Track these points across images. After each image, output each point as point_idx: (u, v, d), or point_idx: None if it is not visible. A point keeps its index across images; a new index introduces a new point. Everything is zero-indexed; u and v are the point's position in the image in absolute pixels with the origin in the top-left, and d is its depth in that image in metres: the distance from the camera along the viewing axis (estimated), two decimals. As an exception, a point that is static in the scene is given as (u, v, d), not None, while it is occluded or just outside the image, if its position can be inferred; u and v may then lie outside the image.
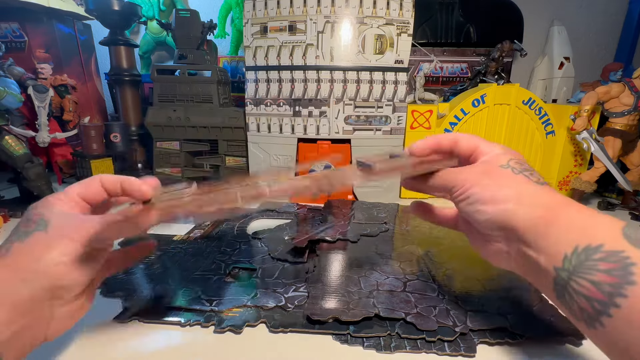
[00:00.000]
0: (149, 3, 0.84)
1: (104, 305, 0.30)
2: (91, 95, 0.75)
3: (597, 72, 0.64)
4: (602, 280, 0.17)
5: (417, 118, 0.59)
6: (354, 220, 0.49)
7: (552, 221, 0.20)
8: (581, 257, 0.18)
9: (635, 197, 0.59)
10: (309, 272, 0.35)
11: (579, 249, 0.18)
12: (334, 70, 0.56)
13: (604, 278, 0.17)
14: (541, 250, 0.20)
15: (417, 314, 0.28)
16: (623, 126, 0.55)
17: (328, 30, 0.55)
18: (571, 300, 0.18)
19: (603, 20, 0.86)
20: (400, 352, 0.25)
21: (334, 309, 0.28)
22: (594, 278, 0.17)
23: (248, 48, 0.58)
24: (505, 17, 0.79)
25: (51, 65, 0.64)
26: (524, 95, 0.58)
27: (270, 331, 0.27)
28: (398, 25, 0.55)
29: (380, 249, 0.41)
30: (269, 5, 0.56)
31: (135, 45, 0.74)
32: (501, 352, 0.25)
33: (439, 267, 0.36)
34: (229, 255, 0.39)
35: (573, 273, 0.18)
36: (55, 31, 0.66)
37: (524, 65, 0.86)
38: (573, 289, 0.18)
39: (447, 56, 0.78)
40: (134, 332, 0.27)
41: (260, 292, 0.31)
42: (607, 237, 0.18)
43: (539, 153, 0.61)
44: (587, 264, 0.18)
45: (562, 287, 0.19)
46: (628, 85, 0.53)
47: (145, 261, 0.37)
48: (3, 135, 0.54)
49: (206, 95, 0.63)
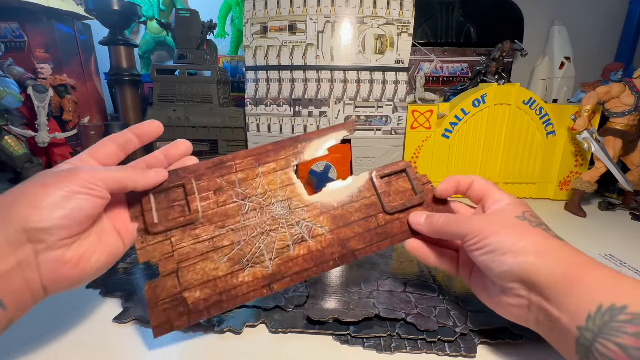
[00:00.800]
0: (149, 3, 0.83)
1: (103, 305, 0.30)
2: (91, 95, 0.75)
3: (597, 72, 0.64)
4: (629, 344, 0.16)
5: (418, 118, 0.59)
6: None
7: (574, 278, 0.20)
8: (605, 317, 0.18)
9: (635, 197, 0.59)
10: (309, 272, 0.35)
11: (602, 309, 0.18)
12: (334, 70, 0.56)
13: (631, 342, 0.16)
14: (563, 307, 0.19)
15: (418, 314, 0.28)
16: (623, 126, 0.54)
17: (328, 30, 0.55)
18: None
19: (603, 20, 0.86)
20: (400, 353, 0.25)
21: (334, 309, 0.28)
22: (620, 341, 0.17)
23: (248, 48, 0.58)
24: (505, 16, 0.79)
25: (51, 65, 0.64)
26: (524, 95, 0.58)
27: (270, 332, 0.27)
28: (398, 25, 0.55)
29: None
30: (269, 4, 0.56)
31: (134, 45, 0.74)
32: (501, 352, 0.25)
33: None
34: (228, 256, 0.38)
35: (598, 334, 0.18)
36: (55, 31, 0.66)
37: (524, 65, 0.86)
38: (598, 351, 0.18)
39: (447, 56, 0.78)
40: (134, 332, 0.27)
41: (260, 293, 0.31)
42: (632, 297, 0.18)
43: (539, 153, 0.61)
44: (612, 325, 0.17)
45: (586, 348, 0.18)
46: (628, 85, 0.53)
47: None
48: (3, 135, 0.53)
49: (206, 95, 0.62)
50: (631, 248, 0.44)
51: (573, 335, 0.19)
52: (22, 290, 0.20)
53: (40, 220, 0.20)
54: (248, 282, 0.26)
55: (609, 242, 0.46)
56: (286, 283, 0.26)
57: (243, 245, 0.26)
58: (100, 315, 0.28)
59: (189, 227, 0.27)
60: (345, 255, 0.27)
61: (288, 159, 0.30)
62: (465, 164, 0.62)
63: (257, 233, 0.27)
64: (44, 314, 0.28)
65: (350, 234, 0.28)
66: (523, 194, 0.63)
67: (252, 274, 0.26)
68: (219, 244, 0.26)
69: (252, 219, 0.27)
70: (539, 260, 0.21)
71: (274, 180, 0.29)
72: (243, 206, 0.28)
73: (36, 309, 0.29)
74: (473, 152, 0.62)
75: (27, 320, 0.27)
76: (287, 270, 0.26)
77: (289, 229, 0.27)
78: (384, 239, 0.28)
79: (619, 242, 0.46)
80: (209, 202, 0.27)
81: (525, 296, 0.22)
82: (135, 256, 0.38)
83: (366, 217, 0.29)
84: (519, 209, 0.24)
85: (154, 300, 0.25)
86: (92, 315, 0.29)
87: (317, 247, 0.27)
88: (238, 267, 0.26)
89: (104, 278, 0.34)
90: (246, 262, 0.26)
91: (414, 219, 0.28)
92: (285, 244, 0.27)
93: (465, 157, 0.62)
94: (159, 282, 0.25)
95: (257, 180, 0.28)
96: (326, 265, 0.27)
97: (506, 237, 0.22)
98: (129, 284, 0.33)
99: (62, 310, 0.29)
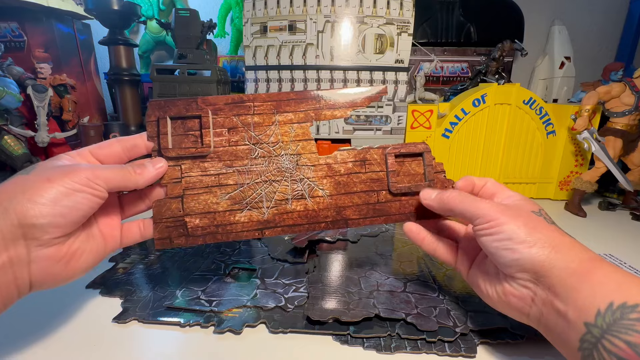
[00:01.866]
0: (149, 2, 0.83)
1: (103, 305, 0.30)
2: (90, 95, 0.75)
3: (597, 71, 0.64)
4: (639, 342, 0.16)
5: (418, 118, 0.59)
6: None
7: (586, 275, 0.20)
8: (616, 314, 0.17)
9: (636, 197, 0.59)
10: (309, 273, 0.35)
11: (614, 306, 0.18)
12: (334, 70, 0.56)
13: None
14: (571, 302, 0.19)
15: (418, 315, 0.28)
16: (624, 126, 0.54)
17: (328, 30, 0.55)
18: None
19: (604, 19, 0.86)
20: (400, 353, 0.25)
21: (334, 310, 0.28)
22: (630, 339, 0.17)
23: (248, 47, 0.58)
24: (505, 16, 0.78)
25: (50, 65, 0.64)
26: (524, 95, 0.58)
27: (270, 332, 0.27)
28: (398, 25, 0.55)
29: (381, 249, 0.40)
30: (269, 4, 0.55)
31: (134, 44, 0.74)
32: (502, 352, 0.25)
33: (439, 268, 0.36)
34: (228, 256, 0.38)
35: (606, 331, 0.17)
36: (55, 31, 0.65)
37: (524, 65, 0.86)
38: (605, 348, 0.17)
39: (447, 56, 0.78)
40: (133, 333, 0.27)
41: (260, 293, 0.31)
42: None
43: (539, 153, 0.61)
44: (622, 322, 0.17)
45: (592, 345, 0.18)
46: (629, 85, 0.53)
47: (145, 261, 0.37)
48: (2, 135, 0.53)
49: (206, 94, 0.62)
50: (631, 248, 0.44)
51: (579, 331, 0.19)
52: (10, 287, 0.20)
53: (37, 216, 0.20)
54: (243, 222, 0.28)
55: (609, 242, 0.46)
56: (277, 232, 0.28)
57: (245, 189, 0.28)
58: (100, 315, 0.28)
59: (199, 159, 0.28)
60: (338, 222, 0.29)
61: (308, 114, 0.29)
62: (465, 164, 0.62)
63: (260, 180, 0.28)
64: (44, 313, 0.28)
65: (349, 203, 0.29)
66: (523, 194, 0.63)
67: (248, 216, 0.28)
68: (224, 182, 0.28)
69: (259, 165, 0.28)
70: (555, 254, 0.21)
71: (288, 132, 0.29)
72: (253, 151, 0.28)
73: (36, 309, 0.29)
74: (473, 152, 0.62)
75: (27, 320, 0.27)
76: (281, 221, 0.28)
77: (291, 184, 0.28)
78: (380, 216, 0.29)
79: (619, 242, 0.46)
80: (221, 139, 0.28)
81: (532, 288, 0.22)
82: (135, 257, 0.38)
83: (369, 190, 0.29)
84: (534, 206, 0.25)
85: (159, 217, 0.27)
86: (92, 315, 0.29)
87: (314, 208, 0.29)
88: (237, 207, 0.28)
89: (104, 278, 0.34)
90: (245, 205, 0.28)
91: (425, 194, 0.28)
92: (284, 197, 0.28)
93: (466, 157, 0.62)
94: (165, 202, 0.27)
95: (271, 128, 0.28)
96: (317, 226, 0.29)
97: (523, 227, 0.22)
98: (129, 284, 0.33)
99: (62, 310, 0.29)
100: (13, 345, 0.25)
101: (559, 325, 0.20)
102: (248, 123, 0.28)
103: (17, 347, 0.25)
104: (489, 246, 0.23)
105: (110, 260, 0.38)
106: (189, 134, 0.28)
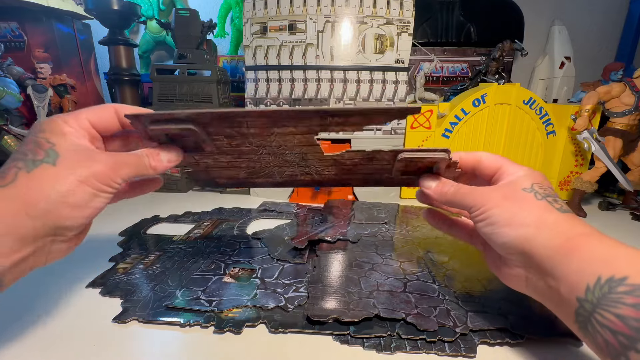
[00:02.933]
0: (149, 2, 0.83)
1: (103, 305, 0.30)
2: (90, 95, 0.75)
3: (598, 71, 0.64)
4: (628, 314, 0.17)
5: (418, 118, 0.59)
6: (354, 220, 0.49)
7: (572, 250, 0.20)
8: (604, 288, 0.18)
9: (636, 197, 0.59)
10: (309, 273, 0.35)
11: (601, 280, 0.18)
12: (334, 70, 0.56)
13: (630, 312, 0.17)
14: (561, 279, 0.20)
15: (418, 315, 0.28)
16: (624, 126, 0.54)
17: (328, 30, 0.55)
18: (595, 333, 0.18)
19: (604, 19, 0.86)
20: (400, 353, 0.25)
21: (334, 310, 0.28)
22: (619, 312, 0.17)
23: (248, 48, 0.58)
24: (505, 16, 0.78)
25: (50, 65, 0.64)
26: (524, 95, 0.58)
27: (270, 332, 0.27)
28: (398, 25, 0.55)
29: (381, 249, 0.40)
30: (269, 4, 0.55)
31: (134, 44, 0.74)
32: (502, 352, 0.25)
33: (439, 267, 0.36)
34: (228, 256, 0.38)
35: (597, 305, 0.18)
36: (55, 31, 0.65)
37: (524, 65, 0.86)
38: (597, 321, 0.18)
39: (447, 56, 0.78)
40: (133, 333, 0.27)
41: (260, 293, 0.31)
42: (631, 269, 0.18)
43: (539, 153, 0.61)
44: (611, 296, 0.17)
45: (585, 319, 0.18)
46: (629, 85, 0.53)
47: (145, 261, 0.37)
48: (2, 135, 0.53)
49: (206, 95, 0.62)
50: (631, 248, 0.44)
51: (573, 306, 0.19)
52: (25, 270, 0.22)
53: (71, 218, 0.21)
54: (262, 182, 0.33)
55: (609, 242, 0.46)
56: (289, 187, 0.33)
57: (257, 168, 0.31)
58: (100, 315, 0.28)
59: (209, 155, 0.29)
60: (341, 182, 0.33)
61: (312, 128, 0.26)
62: (465, 163, 0.62)
63: (270, 165, 0.31)
64: (44, 313, 0.28)
65: (352, 177, 0.32)
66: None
67: (264, 180, 0.33)
68: (237, 165, 0.31)
69: (265, 157, 0.30)
70: (537, 232, 0.21)
71: (290, 140, 0.27)
72: (257, 151, 0.29)
73: (36, 309, 0.29)
74: (473, 152, 0.61)
75: (27, 320, 0.27)
76: (292, 182, 0.34)
77: (299, 169, 0.31)
78: (378, 183, 0.33)
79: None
80: (222, 143, 0.28)
81: (524, 268, 0.22)
82: (135, 257, 0.38)
83: (371, 172, 0.31)
84: (527, 180, 0.24)
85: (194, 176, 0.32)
86: (92, 315, 0.29)
87: (319, 179, 0.32)
88: (254, 176, 0.32)
89: (104, 278, 0.34)
90: (261, 174, 0.32)
91: (425, 182, 0.28)
92: (293, 174, 0.32)
93: (466, 157, 0.62)
94: (194, 172, 0.31)
95: (271, 138, 0.27)
96: (323, 183, 0.33)
97: (507, 209, 0.22)
98: (129, 284, 0.33)
99: (62, 310, 0.29)
100: (13, 345, 0.25)
101: (554, 299, 0.21)
102: (244, 133, 0.27)
103: (17, 347, 0.25)
104: (482, 232, 0.24)
105: (110, 260, 0.38)
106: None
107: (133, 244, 0.42)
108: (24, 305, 0.29)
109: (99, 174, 0.22)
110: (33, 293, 0.31)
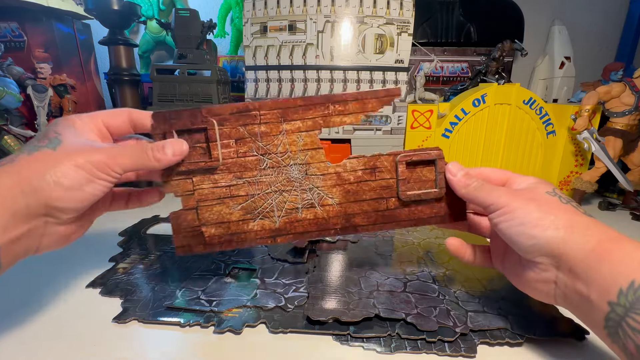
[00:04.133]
0: (149, 2, 0.83)
1: (103, 305, 0.30)
2: (90, 95, 0.75)
3: (598, 71, 0.64)
4: None
5: (418, 118, 0.59)
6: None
7: (605, 254, 0.19)
8: (638, 292, 0.17)
9: (636, 197, 0.59)
10: (309, 272, 0.35)
11: (635, 284, 0.18)
12: (334, 70, 0.56)
13: None
14: (592, 283, 0.19)
15: (418, 315, 0.28)
16: (624, 126, 0.54)
17: (328, 30, 0.55)
18: (626, 338, 0.18)
19: (604, 19, 0.86)
20: (400, 353, 0.25)
21: (334, 310, 0.28)
22: None
23: (248, 47, 0.58)
24: (505, 16, 0.78)
25: (50, 65, 0.64)
26: (524, 95, 0.58)
27: (270, 332, 0.27)
28: (398, 25, 0.55)
29: (381, 249, 0.40)
30: (269, 4, 0.55)
31: (134, 44, 0.73)
32: (502, 352, 0.25)
33: (439, 267, 0.36)
34: (228, 256, 0.38)
35: (630, 309, 0.18)
36: (55, 31, 0.65)
37: (524, 65, 0.86)
38: (629, 326, 0.17)
39: (447, 56, 0.78)
40: (133, 333, 0.27)
41: (260, 293, 0.31)
42: None
43: (539, 153, 0.61)
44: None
45: (616, 323, 0.18)
46: (629, 85, 0.53)
47: (145, 261, 0.37)
48: (2, 135, 0.53)
49: (206, 94, 0.62)
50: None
51: (603, 310, 0.19)
52: (20, 253, 0.22)
53: (61, 199, 0.21)
54: (256, 230, 0.29)
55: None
56: (289, 239, 0.30)
57: (256, 199, 0.29)
58: (100, 315, 0.28)
59: (209, 172, 0.28)
60: (347, 228, 0.30)
61: (316, 121, 0.29)
62: (465, 164, 0.61)
63: (271, 190, 0.29)
64: (44, 313, 0.28)
65: (358, 211, 0.29)
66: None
67: (260, 224, 0.29)
68: (235, 193, 0.29)
69: (268, 175, 0.29)
70: (569, 235, 0.21)
71: (296, 142, 0.29)
72: (262, 161, 0.29)
73: (36, 308, 0.29)
74: (473, 152, 0.62)
75: (27, 319, 0.27)
76: (292, 229, 0.29)
77: (301, 193, 0.29)
78: (389, 222, 0.30)
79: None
80: (229, 151, 0.28)
81: (553, 272, 0.22)
82: (135, 257, 0.38)
83: (378, 198, 0.29)
84: (549, 186, 0.24)
85: (178, 227, 0.29)
86: (92, 315, 0.29)
87: (323, 216, 0.29)
88: (249, 217, 0.29)
89: (104, 278, 0.34)
90: (257, 214, 0.29)
91: (453, 168, 0.28)
92: (295, 206, 0.29)
93: (466, 157, 0.62)
94: (181, 214, 0.29)
95: (279, 138, 0.28)
96: (327, 232, 0.30)
97: (535, 210, 0.22)
98: (129, 284, 0.33)
99: (62, 310, 0.29)
100: (13, 345, 0.25)
101: (583, 305, 0.20)
102: (255, 133, 0.28)
103: (17, 347, 0.25)
104: (505, 233, 0.23)
105: (110, 260, 0.38)
106: (197, 146, 0.28)
107: (133, 244, 0.42)
108: (24, 305, 0.29)
109: (97, 162, 0.22)
110: (33, 293, 0.31)
